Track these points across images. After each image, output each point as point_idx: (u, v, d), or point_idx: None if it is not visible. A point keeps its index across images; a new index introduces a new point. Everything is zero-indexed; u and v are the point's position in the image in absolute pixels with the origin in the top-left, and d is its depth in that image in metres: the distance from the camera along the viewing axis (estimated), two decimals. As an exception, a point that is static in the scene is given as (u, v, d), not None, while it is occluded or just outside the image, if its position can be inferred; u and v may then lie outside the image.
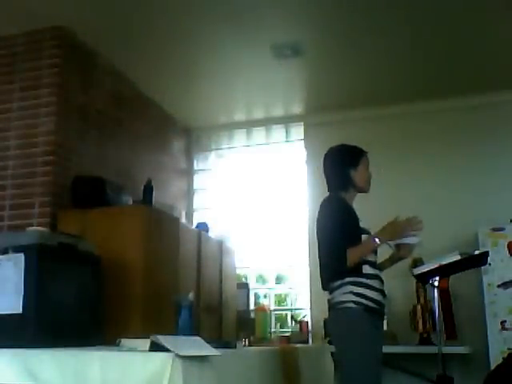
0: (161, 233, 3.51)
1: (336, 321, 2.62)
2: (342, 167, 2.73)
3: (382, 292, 2.61)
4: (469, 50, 4.14)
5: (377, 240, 2.54)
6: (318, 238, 2.65)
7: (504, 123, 4.76)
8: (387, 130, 4.95)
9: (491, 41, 4.02)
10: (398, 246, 2.70)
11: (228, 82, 4.65)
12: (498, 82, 4.60)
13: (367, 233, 2.63)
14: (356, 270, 2.53)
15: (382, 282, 2.64)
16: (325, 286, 2.65)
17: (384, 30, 3.88)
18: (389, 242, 2.65)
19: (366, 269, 2.57)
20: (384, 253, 2.77)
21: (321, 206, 2.68)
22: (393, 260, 2.79)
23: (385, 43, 4.05)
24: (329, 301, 2.66)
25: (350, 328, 2.53)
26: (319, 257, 2.64)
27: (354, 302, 2.52)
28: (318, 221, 2.67)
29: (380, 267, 2.72)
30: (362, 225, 2.66)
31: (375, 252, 2.65)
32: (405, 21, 3.77)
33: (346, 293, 2.53)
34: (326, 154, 2.84)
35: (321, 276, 2.65)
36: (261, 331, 4.07)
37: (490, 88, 4.65)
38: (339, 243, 2.52)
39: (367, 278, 2.55)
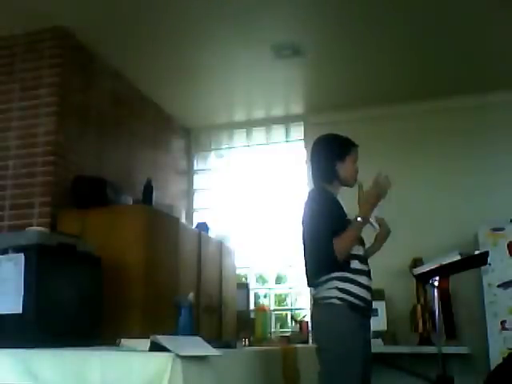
0: (161, 233, 3.51)
1: (318, 317, 2.52)
2: (327, 158, 2.63)
3: (368, 288, 2.50)
4: (469, 50, 4.14)
5: (359, 219, 2.43)
6: (304, 236, 2.56)
7: (504, 123, 4.75)
8: (387, 130, 4.95)
9: (491, 41, 4.02)
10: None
11: (228, 81, 4.65)
12: (498, 82, 4.59)
13: None
14: (343, 265, 2.44)
15: (369, 278, 2.54)
16: (310, 283, 2.57)
17: (384, 30, 3.88)
18: (372, 222, 2.56)
19: (355, 264, 2.47)
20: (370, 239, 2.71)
21: (305, 202, 2.57)
22: (379, 240, 2.69)
23: (385, 43, 4.05)
24: (313, 296, 2.59)
25: (331, 325, 2.43)
26: (305, 254, 2.56)
27: (338, 298, 2.42)
28: (304, 217, 2.56)
29: (369, 253, 2.66)
30: (349, 217, 2.55)
31: (363, 245, 2.59)
32: (405, 21, 3.77)
33: (331, 288, 2.44)
34: (313, 144, 2.75)
35: (306, 273, 2.57)
36: (261, 331, 4.06)
37: (490, 88, 4.65)
38: (328, 238, 2.41)
39: (354, 274, 2.46)
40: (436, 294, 2.97)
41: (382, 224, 2.66)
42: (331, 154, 2.63)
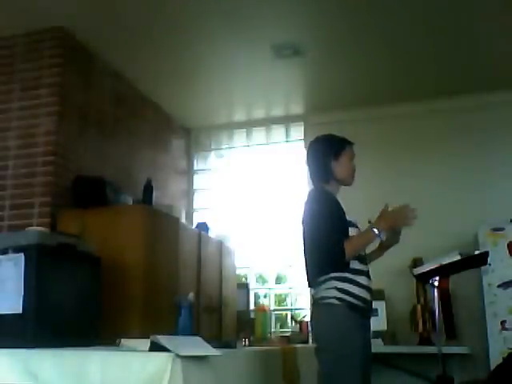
0: (161, 233, 3.51)
1: (317, 317, 2.51)
2: (322, 158, 2.62)
3: (368, 289, 2.50)
4: (469, 49, 4.14)
5: (375, 231, 2.43)
6: (305, 235, 2.55)
7: (504, 123, 4.76)
8: (387, 129, 4.95)
9: (491, 41, 4.02)
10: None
11: (228, 81, 4.65)
12: (498, 82, 4.59)
13: (354, 225, 2.54)
14: (343, 265, 2.43)
15: (369, 278, 2.53)
16: (311, 283, 2.56)
17: (384, 30, 3.88)
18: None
19: (354, 264, 2.46)
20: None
21: (306, 202, 2.57)
22: (382, 248, 2.69)
23: (385, 43, 4.04)
24: (312, 296, 2.58)
25: (331, 326, 2.42)
26: (306, 253, 2.55)
27: (337, 298, 2.41)
28: (305, 217, 2.55)
29: (370, 258, 2.66)
30: (349, 218, 2.55)
31: None
32: (405, 21, 3.77)
33: (330, 288, 2.43)
34: (308, 145, 2.75)
35: (307, 272, 2.56)
36: (261, 331, 4.06)
37: (490, 88, 4.65)
38: (333, 236, 2.40)
39: (353, 274, 2.44)
40: (436, 294, 2.96)
41: (395, 234, 2.63)
42: (326, 153, 2.62)
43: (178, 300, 2.70)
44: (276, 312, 5.19)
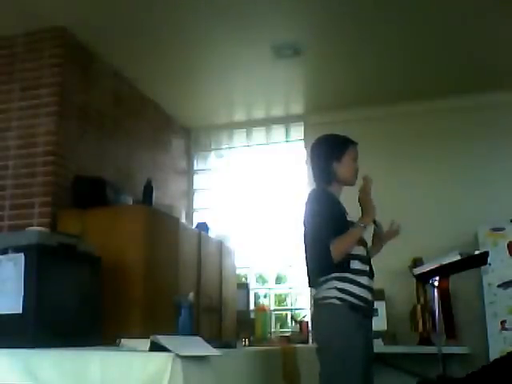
0: (161, 233, 3.51)
1: (318, 317, 2.51)
2: (324, 159, 2.61)
3: (369, 289, 2.49)
4: (469, 50, 4.14)
5: (361, 224, 2.45)
6: (306, 235, 2.55)
7: (504, 123, 4.76)
8: (387, 129, 4.95)
9: (491, 41, 4.02)
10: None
11: (228, 81, 4.65)
12: (498, 82, 4.60)
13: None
14: (343, 265, 2.43)
15: (370, 278, 2.53)
16: (312, 283, 2.56)
17: (384, 30, 3.88)
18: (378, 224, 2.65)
19: (355, 264, 2.46)
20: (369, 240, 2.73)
21: (306, 202, 2.57)
22: (380, 239, 2.74)
23: (385, 43, 4.05)
24: (313, 297, 2.58)
25: (332, 326, 2.42)
26: (306, 253, 2.55)
27: (338, 298, 2.41)
28: (305, 217, 2.55)
29: (372, 254, 2.67)
30: (350, 218, 2.56)
31: (365, 245, 2.57)
32: (405, 21, 3.77)
33: (331, 288, 2.43)
34: (311, 145, 2.74)
35: (307, 273, 2.56)
36: (261, 331, 4.06)
37: (490, 88, 4.65)
38: (325, 238, 2.40)
39: (354, 274, 2.45)
40: (436, 294, 2.97)
41: (393, 229, 2.73)
42: (328, 154, 2.62)
43: (177, 300, 2.70)
44: (276, 312, 5.19)
